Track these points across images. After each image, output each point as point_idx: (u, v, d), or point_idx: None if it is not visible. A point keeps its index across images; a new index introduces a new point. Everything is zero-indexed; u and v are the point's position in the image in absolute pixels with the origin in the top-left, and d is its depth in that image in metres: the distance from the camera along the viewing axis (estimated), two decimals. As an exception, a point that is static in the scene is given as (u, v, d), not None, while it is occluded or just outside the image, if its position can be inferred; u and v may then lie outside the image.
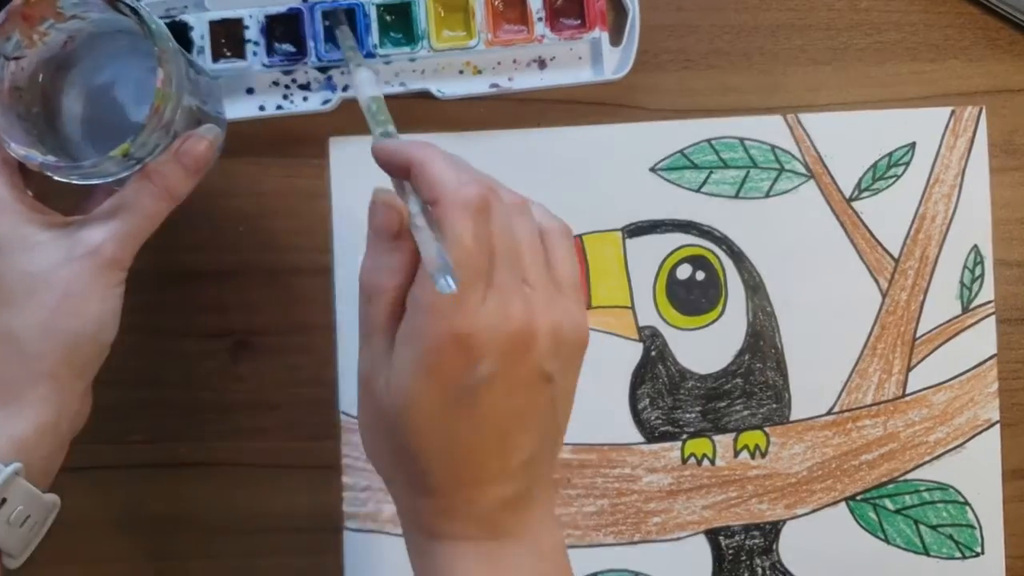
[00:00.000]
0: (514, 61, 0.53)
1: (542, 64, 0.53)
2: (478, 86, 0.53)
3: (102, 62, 0.46)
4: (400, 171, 0.37)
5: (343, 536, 0.53)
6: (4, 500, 0.39)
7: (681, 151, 0.54)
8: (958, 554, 0.54)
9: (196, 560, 0.53)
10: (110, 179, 0.42)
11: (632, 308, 0.54)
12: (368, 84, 0.42)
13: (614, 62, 0.53)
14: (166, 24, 0.50)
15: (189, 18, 0.51)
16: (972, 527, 0.54)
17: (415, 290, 0.36)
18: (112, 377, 0.53)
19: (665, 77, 0.54)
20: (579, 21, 0.52)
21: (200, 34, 0.51)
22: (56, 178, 0.41)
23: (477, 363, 0.35)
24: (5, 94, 0.41)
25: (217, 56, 0.51)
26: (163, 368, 0.53)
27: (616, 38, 0.53)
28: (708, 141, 0.54)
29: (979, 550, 0.54)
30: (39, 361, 0.40)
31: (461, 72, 0.53)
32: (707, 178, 0.54)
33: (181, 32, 0.51)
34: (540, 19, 0.52)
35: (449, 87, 0.53)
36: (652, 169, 0.54)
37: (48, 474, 0.42)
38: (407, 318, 0.36)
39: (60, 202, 0.43)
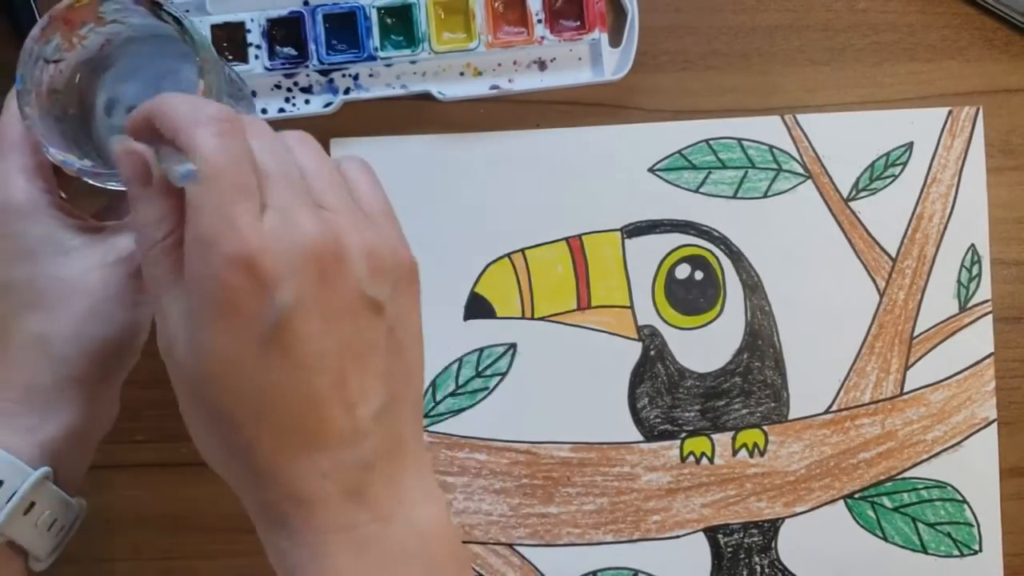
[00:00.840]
0: (514, 63, 0.53)
1: (542, 65, 0.54)
2: (479, 88, 0.53)
3: (140, 66, 0.45)
4: (149, 132, 0.33)
5: (344, 535, 0.53)
6: (32, 504, 0.38)
7: (679, 152, 0.54)
8: (956, 552, 0.54)
9: (197, 560, 0.53)
10: None
11: (631, 308, 0.54)
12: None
13: (613, 63, 0.53)
14: None
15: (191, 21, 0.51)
16: (970, 525, 0.54)
17: (186, 231, 0.31)
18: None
19: (663, 78, 0.54)
20: (578, 22, 0.53)
21: None
22: (92, 183, 0.41)
23: (273, 288, 0.30)
24: (44, 97, 0.41)
25: None
26: (163, 368, 0.53)
27: (615, 39, 0.53)
28: (706, 141, 0.54)
29: (977, 548, 0.54)
30: (69, 367, 0.39)
31: (462, 74, 0.53)
32: (705, 178, 0.54)
33: None
34: (540, 21, 0.52)
35: (450, 89, 0.53)
36: (651, 170, 0.54)
37: (76, 479, 0.41)
38: (186, 264, 0.31)
39: (91, 203, 0.43)
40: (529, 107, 0.54)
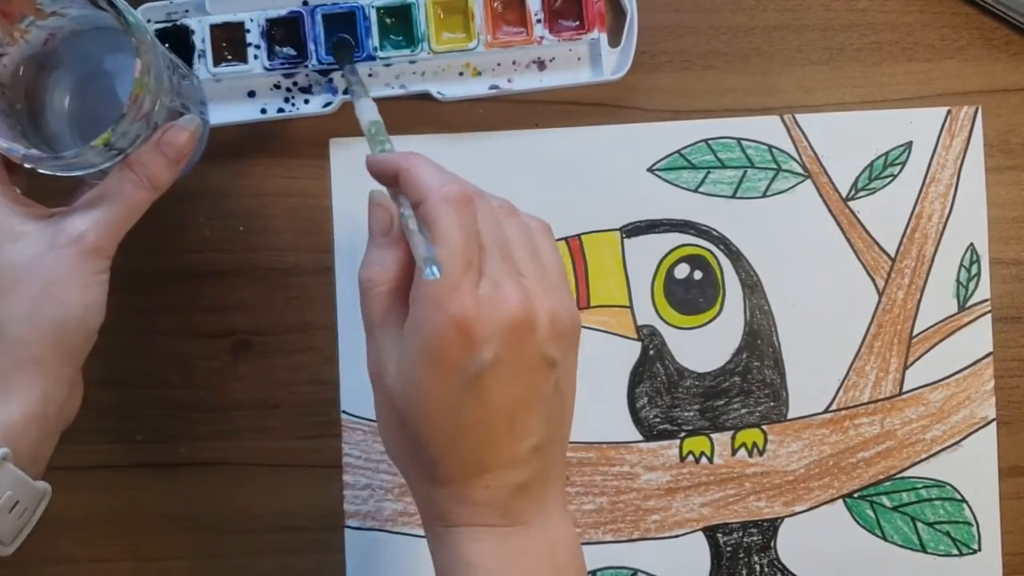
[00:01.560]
0: (513, 63, 0.53)
1: (541, 65, 0.54)
2: (478, 88, 0.53)
3: (85, 59, 0.46)
4: (390, 180, 0.40)
5: (344, 534, 0.53)
6: None
7: (679, 151, 0.54)
8: (955, 551, 0.54)
9: (197, 559, 0.53)
10: (93, 170, 0.42)
11: (630, 307, 0.54)
12: (369, 111, 0.45)
13: (613, 63, 0.53)
14: (168, 28, 0.51)
15: (190, 22, 0.51)
16: (969, 524, 0.54)
17: (414, 286, 0.37)
18: (113, 377, 0.53)
19: (663, 78, 0.54)
20: (577, 22, 0.53)
21: (201, 38, 0.51)
22: (40, 170, 0.41)
23: (479, 348, 0.36)
24: None
25: (219, 60, 0.51)
26: (163, 368, 0.53)
27: (615, 39, 0.53)
28: (705, 141, 0.54)
29: (976, 547, 0.54)
30: (24, 348, 0.41)
31: (461, 74, 0.53)
32: (705, 178, 0.54)
33: (183, 36, 0.51)
34: (539, 21, 0.52)
35: (449, 89, 0.53)
36: (650, 169, 0.54)
37: (37, 461, 0.42)
38: (411, 313, 0.37)
39: (50, 202, 0.44)
40: (528, 107, 0.54)
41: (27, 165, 0.41)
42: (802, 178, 0.54)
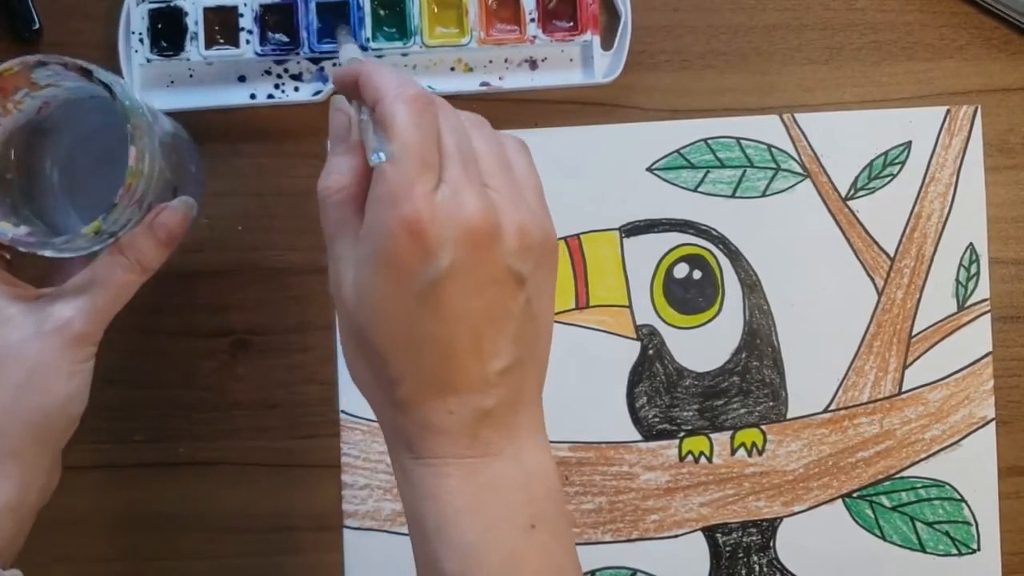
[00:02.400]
0: (505, 60, 0.53)
1: (533, 64, 0.53)
2: (469, 84, 0.53)
3: (79, 125, 0.46)
4: (351, 87, 0.38)
5: (343, 534, 0.53)
6: None
7: (678, 151, 0.54)
8: (954, 551, 0.54)
9: (196, 559, 0.53)
10: (83, 253, 0.42)
11: (629, 307, 0.54)
12: (352, 51, 0.44)
13: (604, 66, 0.53)
14: (162, 9, 0.51)
15: (185, 4, 0.51)
16: (968, 524, 0.54)
17: (370, 190, 0.36)
18: (112, 377, 0.53)
19: (661, 77, 0.54)
20: (571, 23, 0.53)
21: (195, 20, 0.51)
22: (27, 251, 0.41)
23: (434, 254, 0.34)
24: None
25: (211, 43, 0.52)
26: (163, 368, 0.53)
27: (608, 42, 0.53)
28: (705, 141, 0.54)
29: (975, 547, 0.54)
30: (6, 440, 0.40)
31: (452, 69, 0.53)
32: (704, 177, 0.54)
33: (176, 17, 0.51)
34: (533, 20, 0.52)
35: (440, 84, 0.53)
36: (649, 169, 0.54)
37: (11, 550, 0.41)
38: (365, 217, 0.36)
39: (35, 268, 0.44)
40: (527, 106, 0.54)
41: (20, 248, 0.41)
42: (801, 177, 0.54)
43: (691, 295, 0.54)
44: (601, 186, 0.54)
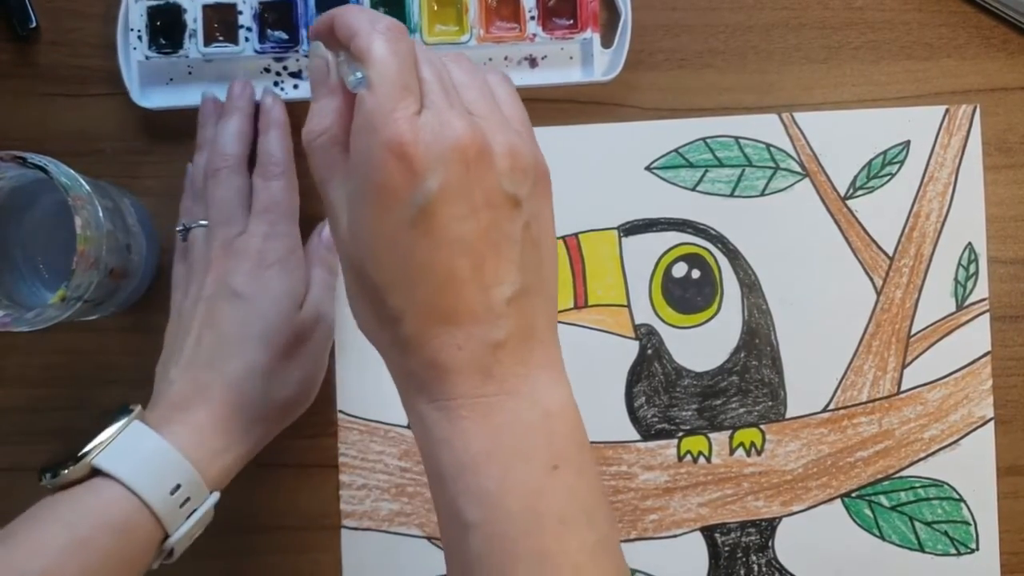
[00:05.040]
0: (505, 58, 0.53)
1: (533, 62, 0.53)
2: None
3: (32, 206, 0.48)
4: (327, 33, 0.38)
5: (341, 534, 0.53)
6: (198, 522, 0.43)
7: (677, 150, 0.54)
8: (953, 550, 0.54)
9: (195, 559, 0.53)
10: (54, 322, 0.44)
11: (628, 306, 0.54)
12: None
13: (604, 64, 0.53)
14: (160, 6, 0.51)
15: (183, 1, 0.51)
16: (967, 523, 0.54)
17: (352, 122, 0.35)
18: (111, 376, 0.53)
19: (660, 76, 0.54)
20: (571, 21, 0.52)
21: (193, 17, 0.51)
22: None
23: (421, 175, 0.33)
24: None
25: (209, 40, 0.51)
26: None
27: (608, 40, 0.53)
28: (703, 140, 0.54)
29: (974, 546, 0.54)
30: (266, 407, 0.46)
31: None
32: (702, 177, 0.54)
33: (175, 15, 0.51)
34: (533, 17, 0.52)
35: None
36: (648, 168, 0.54)
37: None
38: (350, 151, 0.35)
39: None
40: (525, 104, 0.53)
41: None
42: (800, 177, 0.54)
43: (690, 294, 0.54)
44: (599, 185, 0.54)
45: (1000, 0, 0.53)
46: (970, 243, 0.54)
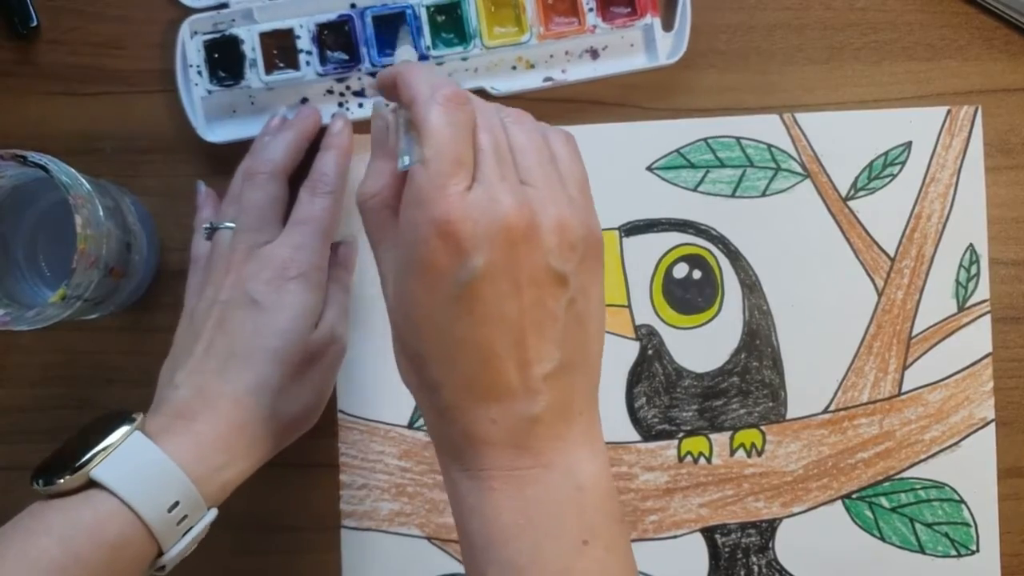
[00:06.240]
0: (566, 53, 0.53)
1: (594, 54, 0.53)
2: (532, 80, 0.53)
3: (32, 205, 0.48)
4: (391, 91, 0.39)
5: (341, 534, 0.53)
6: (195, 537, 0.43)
7: (678, 150, 0.54)
8: (953, 552, 0.54)
9: (194, 559, 0.53)
10: (55, 321, 0.44)
11: (629, 307, 0.54)
12: (405, 54, 0.46)
13: (668, 47, 0.53)
14: (216, 39, 0.50)
15: (239, 31, 0.50)
16: (967, 525, 0.54)
17: (403, 193, 0.35)
18: (111, 376, 0.53)
19: (661, 76, 0.54)
20: (629, 9, 0.52)
21: (251, 47, 0.50)
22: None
23: (467, 254, 0.34)
24: None
25: (270, 68, 0.51)
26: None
27: (668, 22, 0.53)
28: (705, 140, 0.54)
29: (974, 548, 0.54)
30: (273, 425, 0.46)
31: (514, 68, 0.53)
32: (704, 177, 0.54)
33: (232, 46, 0.51)
34: (591, 9, 0.51)
35: (503, 83, 0.53)
36: (649, 168, 0.54)
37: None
38: (400, 221, 0.35)
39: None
40: (526, 105, 0.53)
41: None
42: (801, 177, 0.54)
43: (690, 295, 0.54)
44: (600, 185, 0.53)
45: (1002, 1, 0.53)
46: (971, 244, 0.54)
